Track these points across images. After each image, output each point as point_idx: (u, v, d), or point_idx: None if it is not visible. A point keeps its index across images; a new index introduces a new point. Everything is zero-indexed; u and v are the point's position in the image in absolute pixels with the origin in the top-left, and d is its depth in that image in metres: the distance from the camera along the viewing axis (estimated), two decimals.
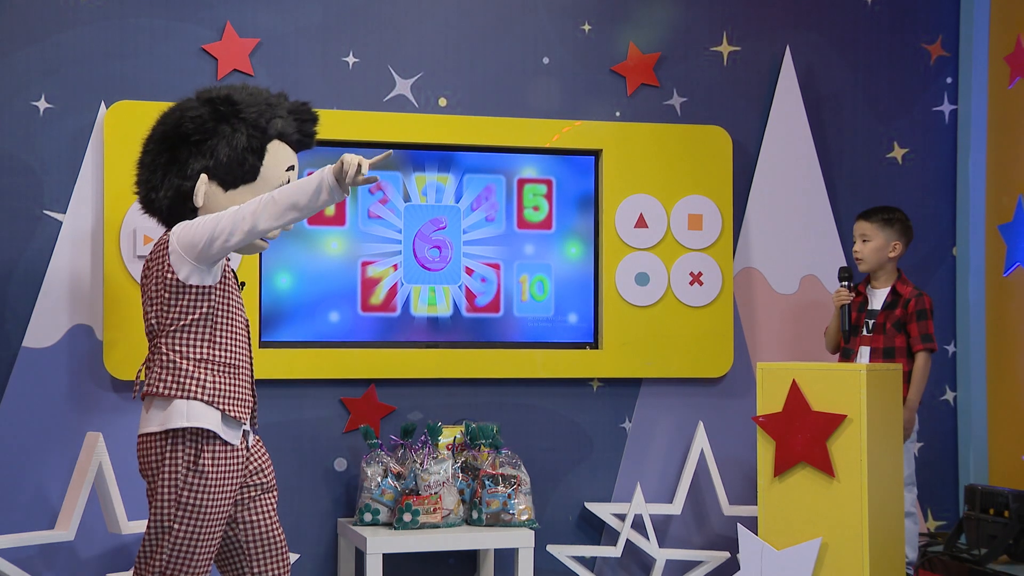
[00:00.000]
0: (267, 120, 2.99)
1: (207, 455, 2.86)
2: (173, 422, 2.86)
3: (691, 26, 4.44)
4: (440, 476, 3.76)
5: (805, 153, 4.53)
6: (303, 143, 3.12)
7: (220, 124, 2.96)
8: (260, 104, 3.01)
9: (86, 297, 3.88)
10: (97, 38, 3.92)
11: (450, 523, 3.78)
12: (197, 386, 2.89)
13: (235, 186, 2.97)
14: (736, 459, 4.36)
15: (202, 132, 2.95)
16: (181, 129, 2.96)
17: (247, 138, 2.96)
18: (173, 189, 2.97)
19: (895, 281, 4.10)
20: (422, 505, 3.72)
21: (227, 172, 2.96)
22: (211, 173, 2.96)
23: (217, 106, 2.97)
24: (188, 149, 2.96)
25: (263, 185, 2.99)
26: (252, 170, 2.98)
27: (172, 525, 2.86)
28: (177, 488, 2.86)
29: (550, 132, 4.25)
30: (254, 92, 3.05)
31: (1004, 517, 4.02)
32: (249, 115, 2.97)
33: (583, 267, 4.31)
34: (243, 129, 2.96)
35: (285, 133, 3.03)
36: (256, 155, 2.98)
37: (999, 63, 4.51)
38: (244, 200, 2.95)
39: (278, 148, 3.02)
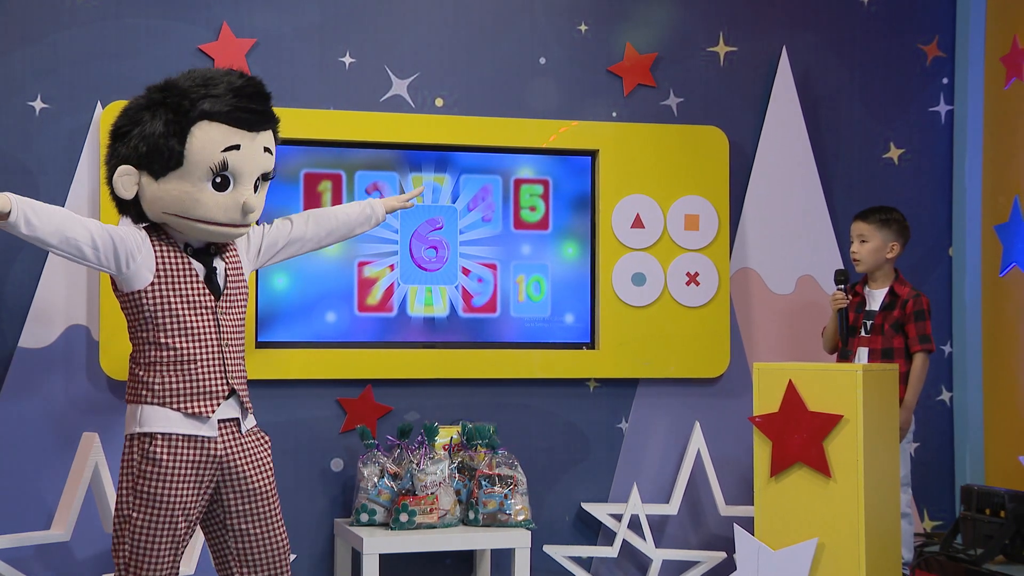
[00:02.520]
0: (192, 102, 2.86)
1: (160, 444, 2.86)
2: (129, 427, 2.93)
3: (688, 27, 4.44)
4: (436, 476, 3.76)
5: (801, 154, 4.54)
6: (246, 120, 2.92)
7: (143, 112, 2.89)
8: (192, 86, 2.89)
9: (82, 298, 3.88)
10: (93, 38, 3.92)
11: (447, 523, 3.78)
12: (146, 390, 2.90)
13: (163, 174, 2.88)
14: (733, 459, 4.36)
15: (129, 122, 2.91)
16: (120, 127, 2.93)
17: (164, 124, 2.85)
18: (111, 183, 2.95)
19: (892, 282, 4.11)
20: (419, 505, 3.72)
21: (150, 161, 2.87)
22: (137, 163, 2.89)
23: (150, 94, 2.92)
24: (119, 141, 2.92)
25: (192, 170, 2.87)
26: (174, 155, 2.86)
27: (131, 514, 2.87)
28: (133, 477, 2.88)
29: (547, 132, 4.25)
30: (198, 75, 2.94)
31: (1000, 517, 4.03)
32: (173, 100, 2.87)
33: (580, 267, 4.31)
34: (161, 115, 2.87)
35: (214, 112, 2.87)
36: (176, 139, 2.86)
37: (995, 64, 4.51)
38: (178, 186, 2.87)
39: (207, 129, 2.87)
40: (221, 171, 2.90)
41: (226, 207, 2.92)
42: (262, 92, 2.97)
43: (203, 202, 2.89)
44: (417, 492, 3.74)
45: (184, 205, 2.89)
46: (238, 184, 2.93)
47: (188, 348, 2.91)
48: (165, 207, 2.91)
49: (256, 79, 2.98)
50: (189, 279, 2.94)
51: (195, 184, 2.88)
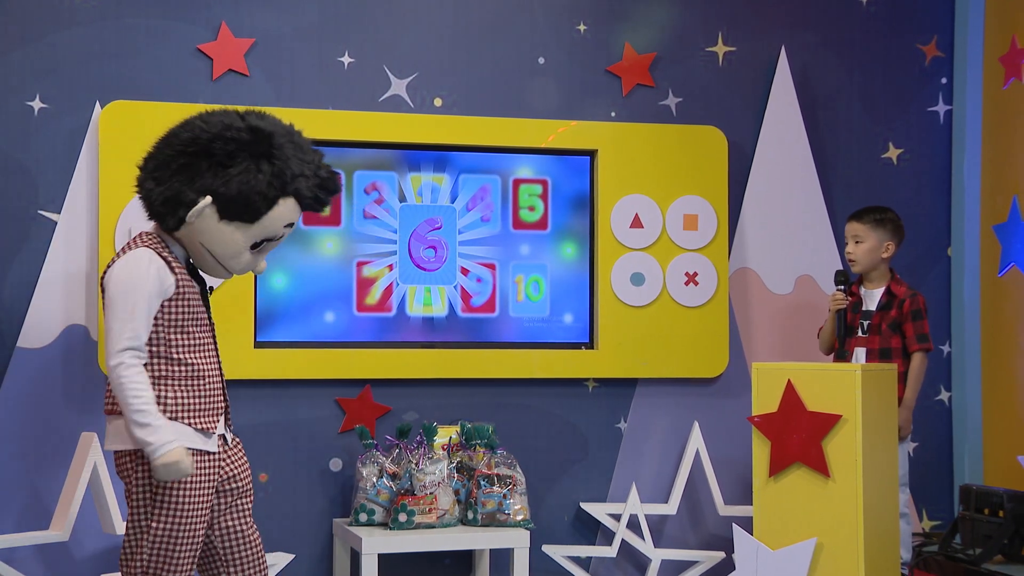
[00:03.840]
0: (292, 176, 2.94)
1: None
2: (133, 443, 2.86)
3: (686, 26, 4.44)
4: (435, 476, 3.76)
5: (800, 153, 4.54)
6: (312, 207, 3.05)
7: (248, 158, 2.90)
8: (293, 157, 2.96)
9: (81, 297, 3.88)
10: (92, 38, 3.92)
11: (445, 523, 3.78)
12: (159, 404, 2.87)
13: (231, 220, 2.92)
14: (731, 459, 4.36)
15: (228, 156, 2.89)
16: (212, 144, 2.90)
17: (267, 184, 2.91)
18: (173, 192, 2.91)
19: (889, 281, 4.11)
20: (417, 505, 3.73)
21: (231, 204, 2.90)
22: (216, 199, 2.90)
23: (258, 139, 2.92)
24: (207, 164, 2.90)
25: (258, 230, 2.96)
26: (255, 213, 2.93)
27: (149, 524, 2.87)
28: (151, 490, 2.87)
29: (546, 132, 4.25)
30: (297, 143, 2.99)
31: (999, 517, 4.03)
32: (279, 162, 2.92)
33: (579, 267, 4.31)
34: (267, 172, 2.91)
35: (301, 194, 2.97)
36: (267, 203, 2.93)
37: (994, 64, 4.51)
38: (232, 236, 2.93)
39: (288, 204, 2.97)
40: (270, 239, 3.01)
41: (247, 266, 3.03)
42: (339, 190, 3.10)
43: (240, 257, 2.99)
44: (416, 492, 3.74)
45: (225, 251, 2.97)
46: (265, 250, 3.05)
47: (198, 363, 2.94)
48: (207, 242, 2.95)
49: (337, 176, 3.07)
50: (194, 296, 2.99)
51: (248, 241, 2.97)
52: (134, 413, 2.79)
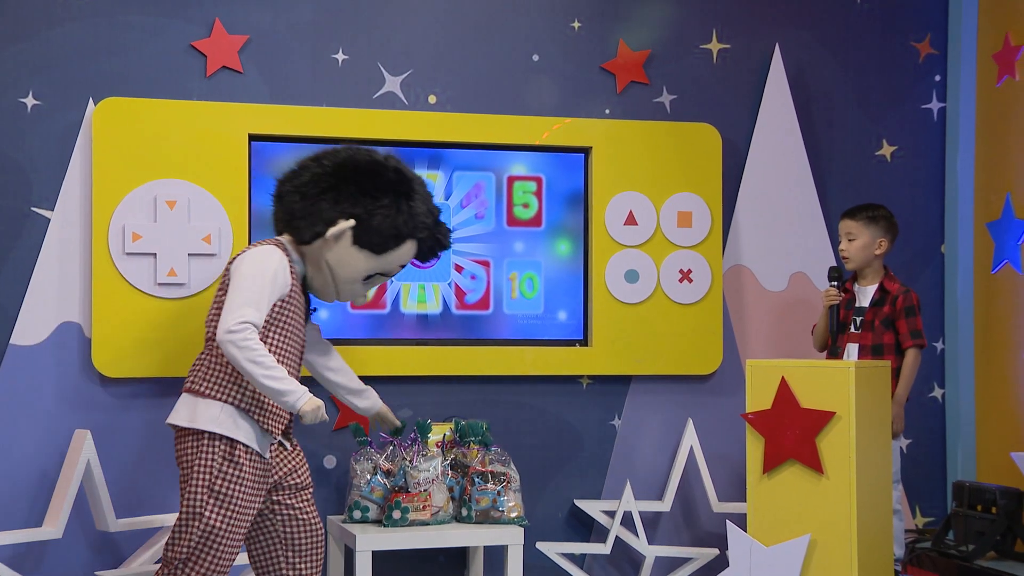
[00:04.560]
0: (421, 223, 3.32)
1: (241, 451, 3.07)
2: (202, 423, 3.06)
3: (681, 24, 4.44)
4: (429, 473, 3.76)
5: (794, 151, 4.54)
6: (421, 257, 3.44)
7: (392, 195, 3.26)
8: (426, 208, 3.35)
9: (74, 294, 3.87)
10: (86, 35, 3.91)
11: (440, 520, 3.78)
12: (237, 392, 3.09)
13: (362, 247, 3.26)
14: (725, 456, 4.37)
15: (375, 189, 3.22)
16: (364, 175, 3.22)
17: (403, 223, 3.27)
18: (318, 208, 3.20)
19: (882, 278, 4.11)
20: (411, 502, 3.73)
21: (367, 232, 3.23)
22: (357, 224, 3.21)
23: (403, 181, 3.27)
24: (356, 191, 3.21)
25: (380, 262, 3.32)
26: (384, 246, 3.28)
27: (203, 511, 3.02)
28: (212, 476, 3.04)
29: (540, 129, 4.25)
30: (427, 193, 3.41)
31: (992, 513, 4.04)
32: (417, 207, 3.30)
33: (573, 264, 4.31)
34: (405, 213, 3.27)
35: (423, 241, 3.37)
36: (396, 240, 3.29)
37: (987, 61, 4.52)
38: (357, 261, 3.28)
39: (409, 247, 3.35)
40: (383, 275, 3.38)
41: (353, 295, 3.39)
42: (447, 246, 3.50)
43: (354, 286, 3.34)
44: (410, 489, 3.74)
45: (346, 275, 3.30)
46: (373, 285, 3.42)
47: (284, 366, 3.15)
48: (333, 262, 3.26)
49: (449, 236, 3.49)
50: (299, 307, 3.25)
51: (367, 270, 3.32)
52: (268, 369, 3.00)
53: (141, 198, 3.85)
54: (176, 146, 3.89)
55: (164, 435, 3.91)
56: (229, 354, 3.01)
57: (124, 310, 3.83)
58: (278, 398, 3.03)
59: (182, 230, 3.87)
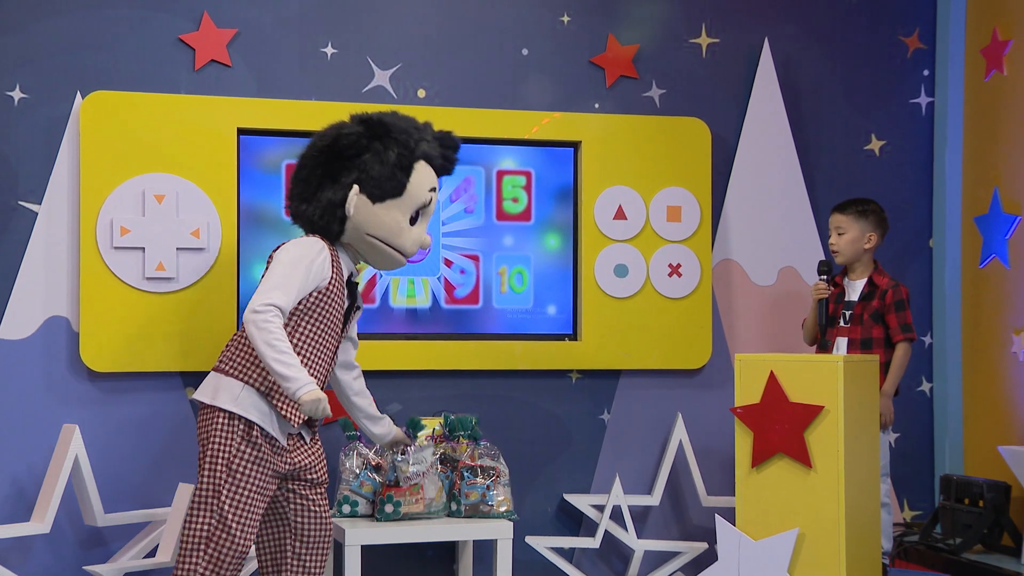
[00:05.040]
0: (415, 141, 3.28)
1: (258, 433, 3.10)
2: (223, 402, 3.11)
3: (670, 18, 4.44)
4: (421, 466, 3.76)
5: (783, 145, 4.55)
6: (444, 168, 3.39)
7: (373, 142, 3.22)
8: (409, 128, 3.30)
9: (62, 289, 3.86)
10: (73, 28, 3.89)
11: (433, 511, 3.78)
12: (259, 375, 3.13)
13: (383, 200, 3.24)
14: (714, 450, 4.38)
15: (356, 148, 3.21)
16: (336, 145, 3.22)
17: (397, 156, 3.24)
18: (325, 201, 3.22)
19: (872, 272, 4.12)
20: (403, 496, 3.73)
21: (376, 186, 3.22)
22: (362, 185, 3.21)
23: (371, 126, 3.24)
24: (342, 163, 3.21)
25: (408, 200, 3.28)
26: (399, 185, 3.25)
27: (220, 490, 3.07)
28: (229, 454, 3.08)
29: (529, 124, 4.25)
30: (403, 117, 3.34)
31: (979, 507, 4.06)
32: (399, 136, 3.25)
33: (562, 259, 4.31)
34: (393, 147, 3.24)
35: (430, 155, 3.32)
36: (404, 172, 3.26)
37: (975, 56, 4.53)
38: (391, 214, 3.26)
39: (423, 168, 3.31)
40: (422, 208, 3.33)
41: (414, 241, 3.35)
42: (458, 145, 3.43)
43: (405, 232, 3.30)
44: (401, 483, 3.74)
45: (391, 232, 3.28)
46: (422, 221, 3.37)
47: (313, 359, 3.19)
48: (372, 230, 3.26)
49: (451, 133, 3.43)
50: (340, 303, 3.25)
51: (404, 215, 3.29)
52: (279, 354, 3.01)
53: (129, 192, 3.84)
54: (164, 140, 3.88)
55: (152, 429, 3.91)
56: (249, 333, 3.05)
57: (112, 305, 3.82)
58: (283, 383, 3.04)
59: (170, 224, 3.86)
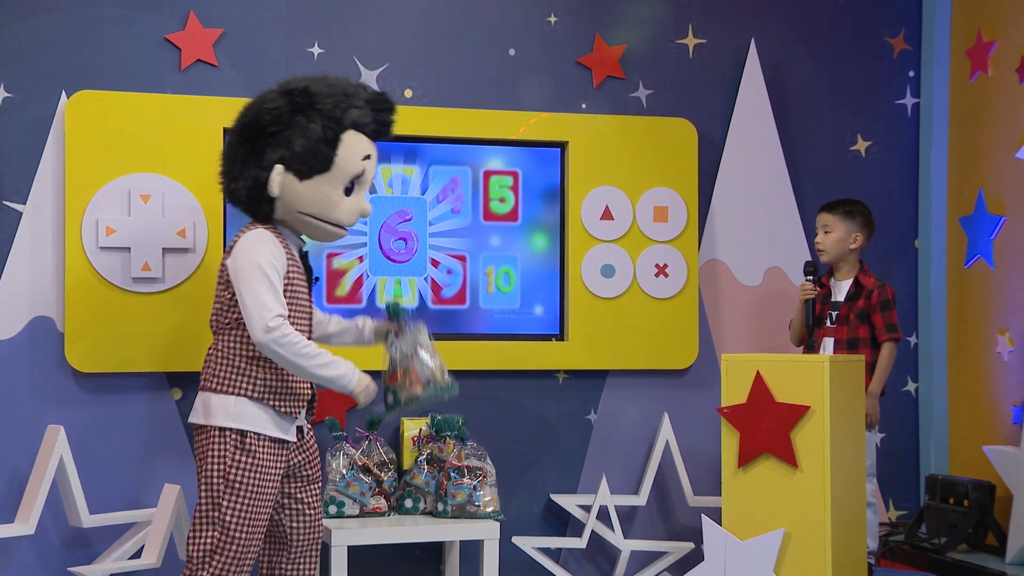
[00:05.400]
0: (342, 110, 3.08)
1: (252, 439, 3.03)
2: (219, 419, 3.02)
3: (657, 18, 4.45)
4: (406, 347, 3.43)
5: (770, 146, 4.56)
6: (380, 132, 3.20)
7: (296, 115, 3.05)
8: (337, 95, 3.09)
9: (47, 289, 3.84)
10: (59, 27, 3.87)
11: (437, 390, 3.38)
12: (248, 382, 3.04)
13: (310, 176, 3.07)
14: (701, 450, 4.38)
15: (278, 123, 3.05)
16: (259, 121, 3.07)
17: (321, 128, 3.05)
18: (251, 179, 3.07)
19: (857, 272, 4.14)
20: (398, 383, 3.38)
21: (302, 162, 3.05)
22: (287, 163, 3.05)
23: (294, 97, 3.07)
24: (265, 140, 3.06)
25: (338, 174, 3.10)
26: (326, 160, 3.07)
27: (220, 502, 3.00)
28: (225, 466, 3.01)
29: (516, 124, 4.25)
30: (333, 83, 3.14)
31: (964, 506, 4.07)
32: (324, 105, 3.06)
33: (549, 259, 4.31)
34: (318, 120, 3.05)
35: (360, 123, 3.11)
36: (330, 145, 3.07)
37: (960, 57, 4.55)
38: (321, 189, 3.08)
39: (353, 138, 3.12)
40: (356, 178, 3.14)
41: (351, 212, 3.17)
42: (393, 107, 3.24)
43: (339, 206, 3.13)
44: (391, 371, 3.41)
45: (323, 207, 3.11)
46: (359, 190, 3.19)
47: None
48: (304, 207, 3.11)
49: (386, 94, 3.22)
50: (302, 284, 3.16)
51: (335, 188, 3.11)
52: (315, 359, 3.00)
53: (115, 192, 3.83)
54: (150, 140, 3.87)
55: (137, 430, 3.89)
56: (273, 354, 2.99)
57: (98, 305, 3.81)
58: (332, 384, 3.04)
59: (156, 224, 3.85)
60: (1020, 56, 4.24)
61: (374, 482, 3.89)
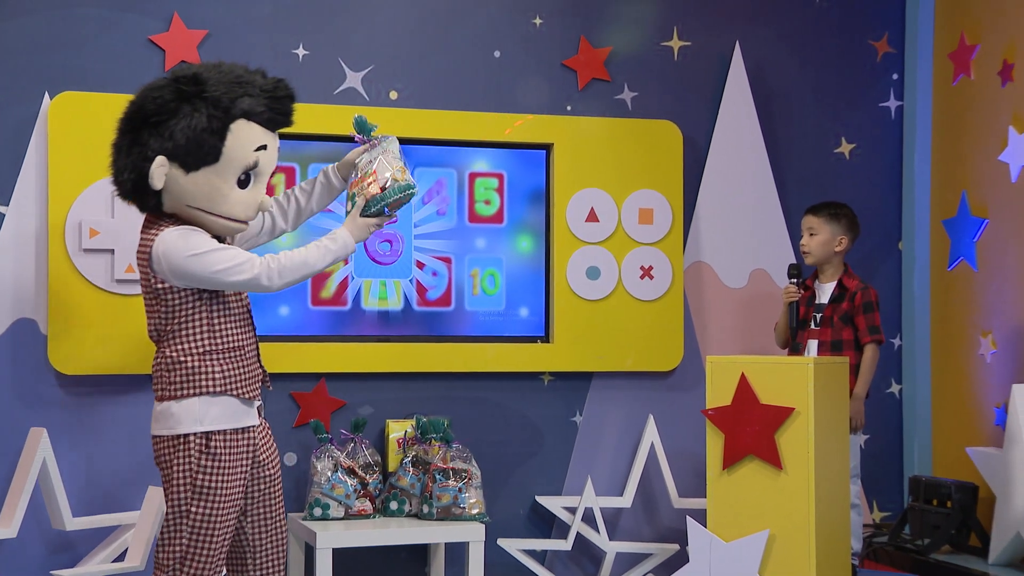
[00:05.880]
0: (232, 99, 2.90)
1: (217, 439, 2.93)
2: (185, 426, 2.92)
3: (642, 21, 4.45)
4: (373, 154, 3.20)
5: (754, 148, 4.57)
6: (276, 121, 3.01)
7: (181, 104, 2.88)
8: (228, 82, 2.92)
9: (30, 291, 3.82)
10: (41, 28, 3.86)
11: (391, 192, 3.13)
12: (206, 379, 2.94)
13: (196, 168, 2.90)
14: (686, 452, 4.39)
15: (162, 113, 2.88)
16: (143, 110, 2.91)
17: (207, 118, 2.87)
18: (136, 172, 2.92)
19: (841, 275, 4.15)
20: (359, 187, 3.18)
21: (186, 154, 2.88)
22: (170, 155, 2.89)
23: (181, 85, 2.90)
24: (149, 130, 2.89)
25: (228, 165, 2.91)
26: (213, 151, 2.90)
27: (189, 509, 2.92)
28: (191, 472, 2.92)
29: (501, 126, 4.25)
30: (226, 70, 2.97)
31: (947, 508, 4.09)
32: (212, 94, 2.89)
33: (534, 261, 4.32)
34: (203, 109, 2.88)
35: (252, 111, 2.93)
36: (217, 136, 2.89)
37: (943, 60, 4.57)
38: (210, 182, 2.91)
39: (244, 127, 2.93)
40: (250, 170, 2.96)
41: (247, 204, 2.99)
42: (292, 95, 3.05)
43: (230, 199, 2.95)
44: (354, 176, 3.22)
45: (211, 200, 2.94)
46: (257, 183, 3.01)
47: (238, 335, 3.00)
48: (191, 200, 2.94)
49: (284, 81, 3.05)
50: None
51: (225, 180, 2.94)
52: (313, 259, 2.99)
53: (98, 193, 3.81)
54: None
55: (121, 433, 3.88)
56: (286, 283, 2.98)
57: (81, 307, 3.79)
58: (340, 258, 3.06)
59: (140, 226, 3.82)
60: (1002, 59, 4.26)
61: (359, 484, 3.89)
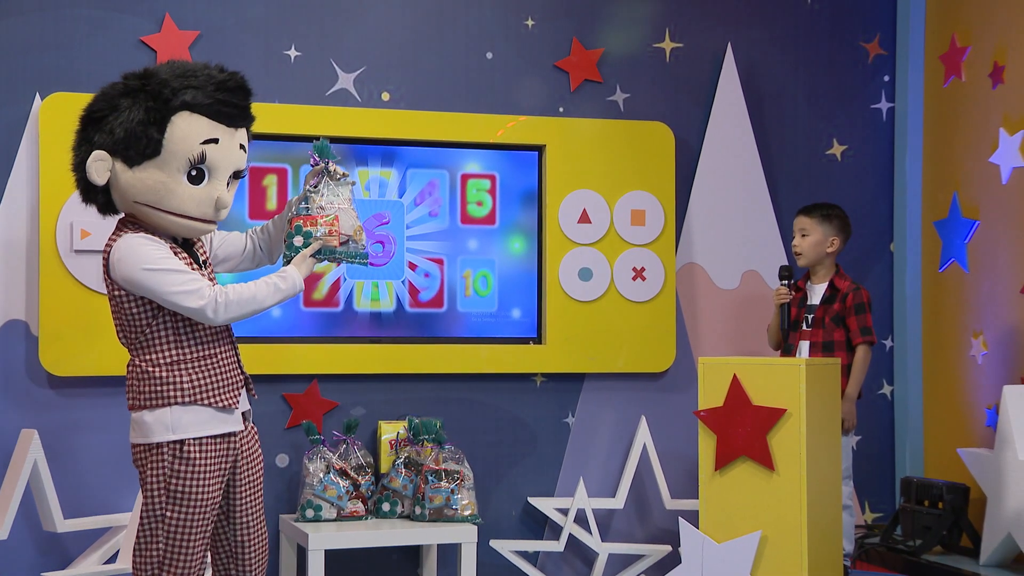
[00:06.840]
0: (173, 91, 2.83)
1: (192, 445, 2.87)
2: (158, 435, 2.87)
3: (634, 22, 4.46)
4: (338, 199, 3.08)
5: (746, 149, 4.58)
6: (226, 114, 2.91)
7: (122, 98, 2.85)
8: (174, 76, 2.86)
9: (21, 292, 3.81)
10: (33, 28, 3.85)
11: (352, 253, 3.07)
12: (175, 390, 2.87)
13: (138, 162, 2.84)
14: (678, 453, 4.39)
15: (104, 108, 2.85)
16: (91, 107, 2.89)
17: (144, 111, 2.82)
18: (83, 169, 2.89)
19: (833, 276, 4.16)
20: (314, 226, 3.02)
21: (126, 147, 2.82)
22: (111, 149, 2.84)
23: (128, 80, 2.87)
24: (93, 127, 2.87)
25: (170, 160, 2.83)
26: (152, 144, 2.82)
27: (164, 514, 2.88)
28: (165, 478, 2.87)
29: (493, 127, 4.25)
30: (178, 66, 2.91)
31: (938, 508, 4.10)
32: (154, 87, 2.83)
33: (527, 262, 4.32)
34: (142, 101, 2.82)
35: (195, 103, 2.85)
36: (155, 127, 2.82)
37: (935, 62, 4.58)
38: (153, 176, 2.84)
39: (187, 120, 2.85)
40: (198, 164, 2.87)
41: (199, 201, 2.89)
42: (244, 87, 2.96)
43: (177, 194, 2.86)
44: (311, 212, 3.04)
45: (158, 195, 2.86)
46: (213, 178, 2.90)
47: (208, 341, 2.93)
48: (137, 196, 2.87)
49: (238, 74, 2.96)
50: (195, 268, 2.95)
51: (171, 175, 2.85)
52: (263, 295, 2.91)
53: None
54: None
55: (112, 434, 3.87)
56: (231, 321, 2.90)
57: (72, 308, 3.78)
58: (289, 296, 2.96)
59: None
60: (993, 61, 4.27)
61: (351, 486, 3.88)
